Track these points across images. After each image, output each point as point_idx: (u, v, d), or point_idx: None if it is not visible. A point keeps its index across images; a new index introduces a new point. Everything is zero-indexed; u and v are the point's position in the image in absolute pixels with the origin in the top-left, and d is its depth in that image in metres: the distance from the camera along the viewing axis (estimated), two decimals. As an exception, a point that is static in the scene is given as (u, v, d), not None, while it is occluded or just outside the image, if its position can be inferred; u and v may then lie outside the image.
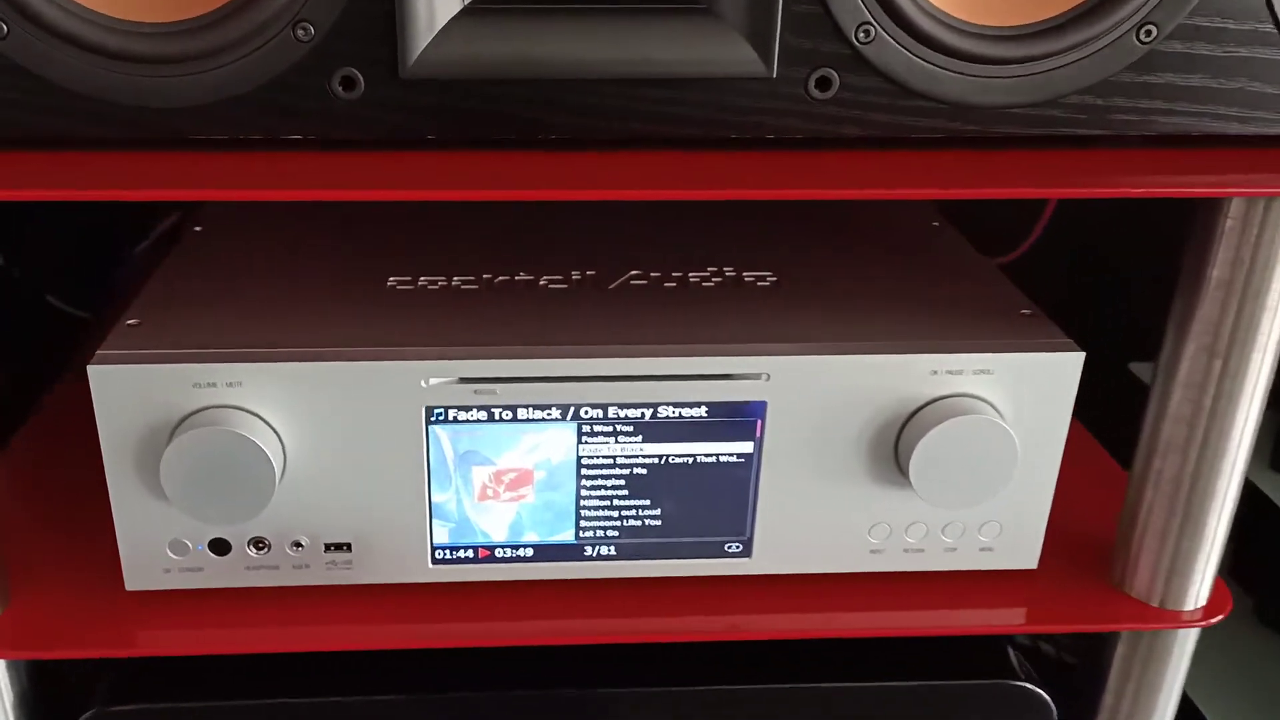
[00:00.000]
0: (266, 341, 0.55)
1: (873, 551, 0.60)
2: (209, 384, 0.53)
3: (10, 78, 0.48)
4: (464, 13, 0.49)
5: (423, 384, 0.54)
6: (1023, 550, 0.60)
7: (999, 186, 0.51)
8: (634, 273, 0.63)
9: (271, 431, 0.54)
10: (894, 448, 0.57)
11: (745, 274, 0.63)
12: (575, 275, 0.62)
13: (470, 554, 0.58)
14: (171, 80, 0.49)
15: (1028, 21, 0.51)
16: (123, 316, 0.57)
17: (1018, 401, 0.57)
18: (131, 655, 0.57)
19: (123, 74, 0.49)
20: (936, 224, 0.71)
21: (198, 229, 0.68)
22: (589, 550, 0.59)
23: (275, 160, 0.50)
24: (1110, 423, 0.76)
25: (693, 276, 0.63)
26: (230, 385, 0.53)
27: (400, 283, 0.61)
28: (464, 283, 0.61)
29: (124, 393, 0.53)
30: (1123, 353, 0.94)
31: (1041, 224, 0.77)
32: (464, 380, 0.55)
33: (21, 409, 0.78)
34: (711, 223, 0.70)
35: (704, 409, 0.56)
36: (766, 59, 0.50)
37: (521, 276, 0.62)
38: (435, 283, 0.61)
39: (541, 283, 0.61)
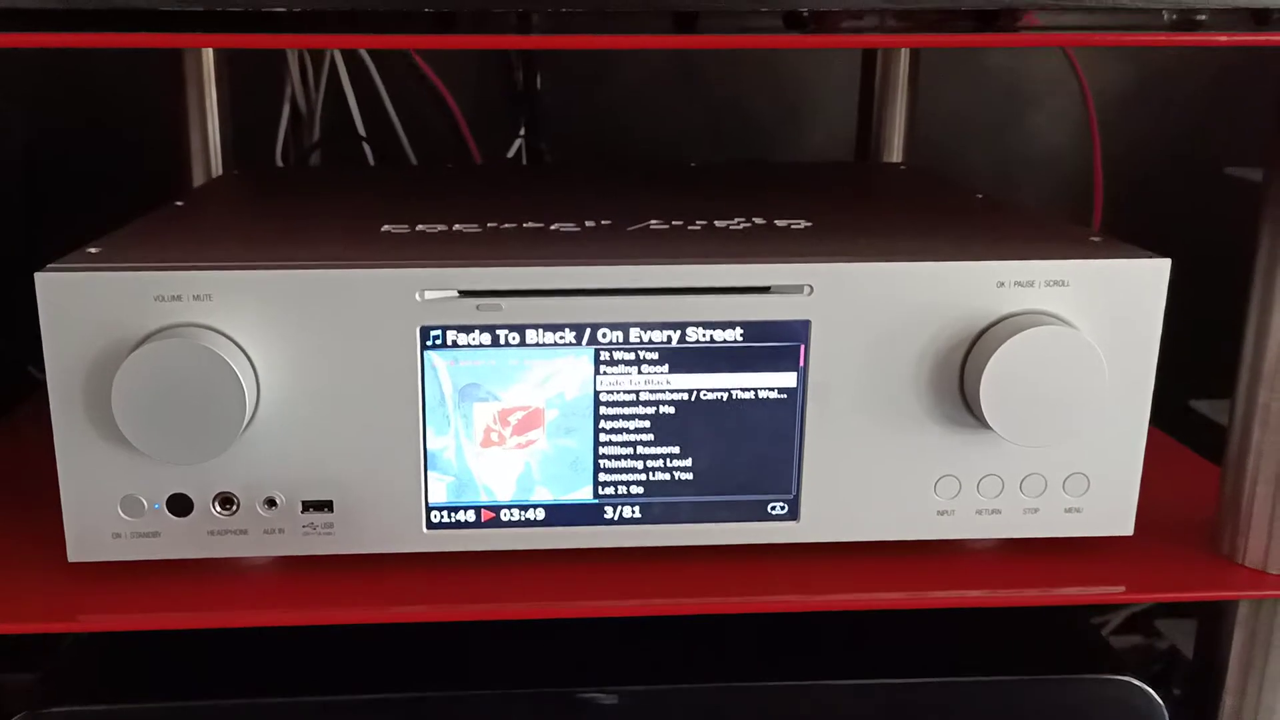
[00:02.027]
0: (241, 258, 0.48)
1: (940, 513, 0.51)
2: (173, 297, 0.47)
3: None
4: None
5: (417, 297, 0.47)
6: (1116, 512, 0.52)
7: None
8: (653, 221, 0.56)
9: (243, 355, 0.47)
10: (959, 378, 0.50)
11: (777, 221, 0.57)
12: (589, 224, 0.56)
13: (471, 516, 0.50)
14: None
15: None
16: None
17: (1098, 318, 0.49)
18: (71, 630, 0.48)
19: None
20: (981, 196, 0.66)
21: (179, 203, 0.62)
22: (609, 512, 0.51)
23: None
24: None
25: (719, 223, 0.56)
26: (198, 299, 0.47)
27: (395, 228, 0.55)
28: (465, 229, 0.55)
29: (75, 307, 0.46)
30: (1184, 390, 0.86)
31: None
32: (464, 294, 0.48)
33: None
34: (734, 186, 0.65)
35: (739, 331, 0.49)
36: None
37: (529, 225, 0.56)
38: (434, 229, 0.55)
39: (552, 228, 0.55)
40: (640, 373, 0.49)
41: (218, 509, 0.49)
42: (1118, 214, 0.90)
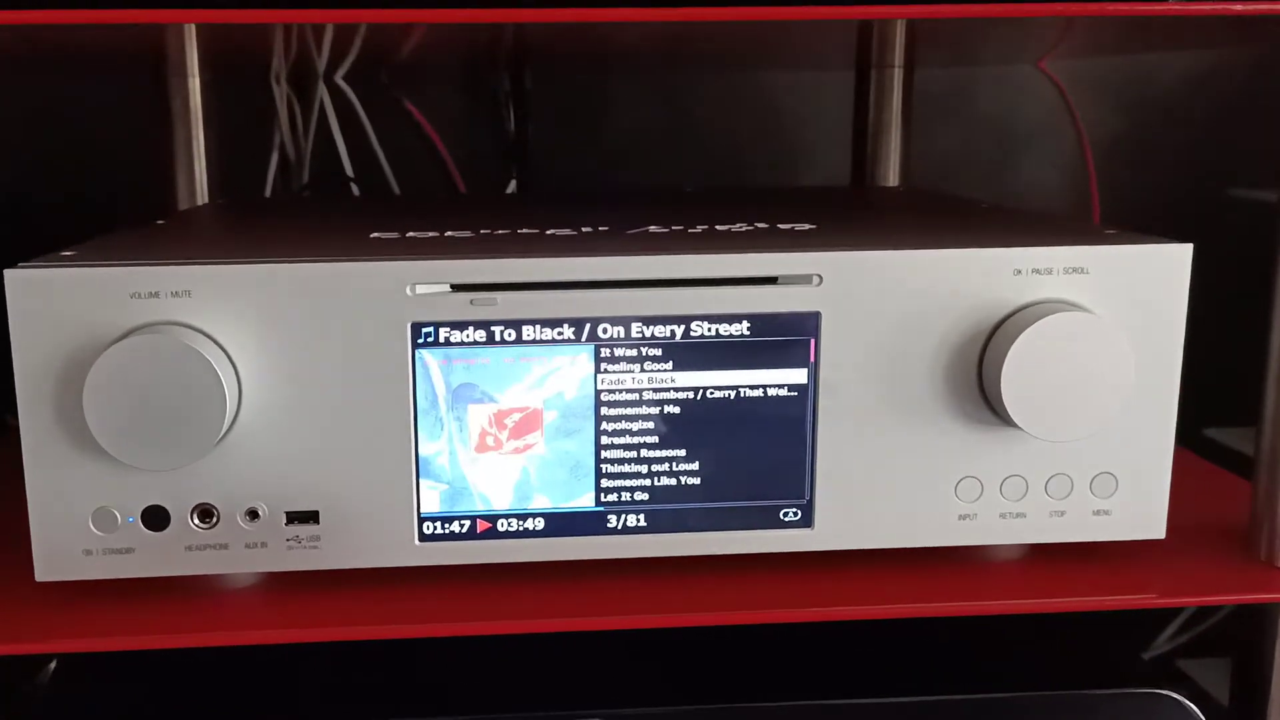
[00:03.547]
0: (222, 255, 0.46)
1: (962, 517, 0.49)
2: (150, 294, 0.44)
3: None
4: None
5: (408, 291, 0.45)
6: (1146, 514, 0.49)
7: None
8: (653, 226, 0.54)
9: (224, 355, 0.44)
10: (977, 371, 0.47)
11: (780, 225, 0.55)
12: (586, 230, 0.54)
13: (466, 526, 0.47)
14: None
15: None
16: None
17: (1121, 306, 0.47)
18: (37, 651, 0.45)
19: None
20: (986, 205, 0.64)
21: (160, 222, 0.60)
22: (612, 520, 0.48)
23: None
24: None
25: (721, 226, 0.54)
26: (176, 295, 0.44)
27: (384, 235, 0.53)
28: (457, 235, 0.53)
29: (46, 306, 0.44)
30: (1198, 419, 0.84)
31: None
32: (457, 288, 0.45)
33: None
34: (732, 202, 0.63)
35: (745, 325, 0.47)
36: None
37: (524, 231, 0.54)
38: (425, 235, 0.53)
39: (548, 233, 0.53)
40: (643, 370, 0.47)
41: (196, 522, 0.46)
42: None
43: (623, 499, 0.48)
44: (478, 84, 0.98)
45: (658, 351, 0.47)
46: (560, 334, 0.46)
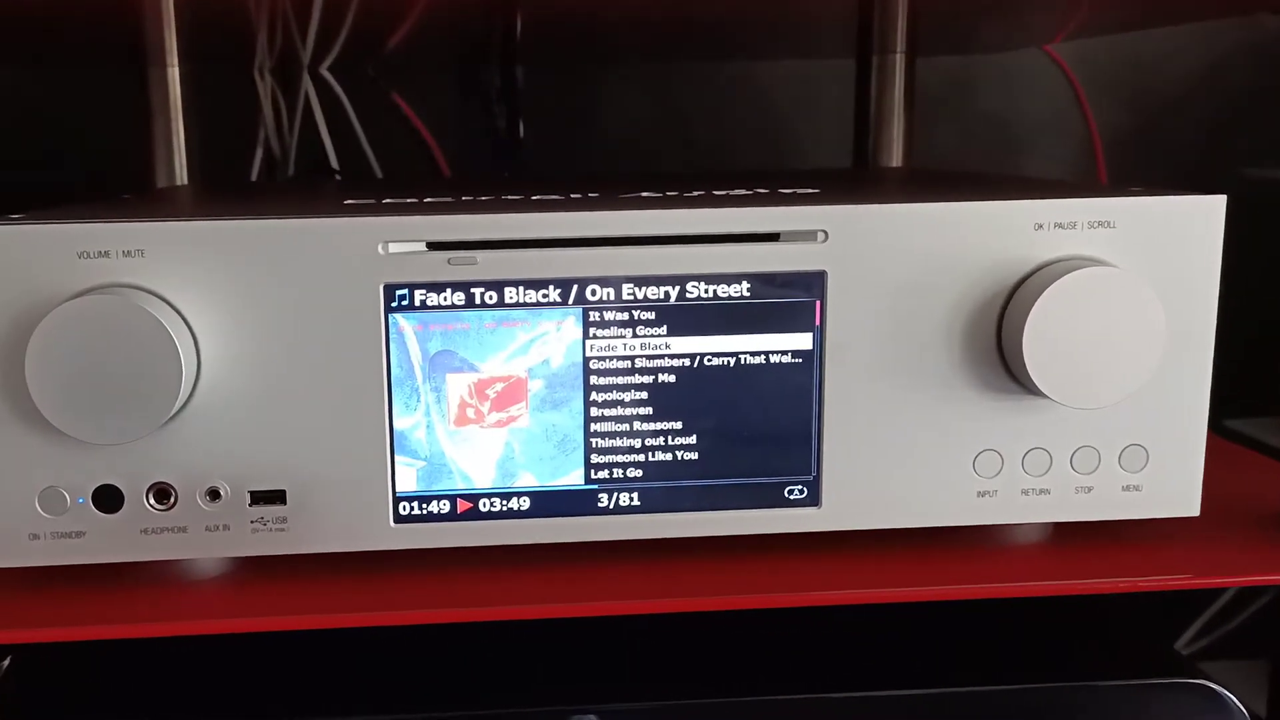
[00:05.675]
0: (180, 214, 0.43)
1: (981, 494, 0.45)
2: (100, 253, 0.41)
3: None
4: None
5: (380, 250, 0.42)
6: (1179, 489, 0.46)
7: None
8: (646, 193, 0.51)
9: (180, 320, 0.41)
10: (996, 334, 0.44)
11: (782, 190, 0.51)
12: (575, 196, 0.51)
13: (446, 507, 0.44)
14: None
15: None
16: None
17: (1149, 263, 0.44)
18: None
19: None
20: (997, 175, 0.61)
21: (125, 196, 0.57)
22: (603, 499, 0.44)
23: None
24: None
25: (719, 192, 0.51)
26: (128, 255, 0.41)
27: (359, 201, 0.49)
28: (436, 200, 0.49)
29: (-13, 267, 0.40)
30: (1218, 411, 0.81)
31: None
32: (434, 246, 0.42)
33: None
34: (729, 176, 0.60)
35: (745, 286, 0.43)
36: None
37: (508, 198, 0.50)
38: (402, 201, 0.49)
39: (534, 199, 0.50)
40: (635, 335, 0.43)
41: (152, 503, 0.42)
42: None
43: (614, 476, 0.44)
44: (468, 78, 0.96)
45: (651, 315, 0.43)
46: (546, 296, 0.43)
